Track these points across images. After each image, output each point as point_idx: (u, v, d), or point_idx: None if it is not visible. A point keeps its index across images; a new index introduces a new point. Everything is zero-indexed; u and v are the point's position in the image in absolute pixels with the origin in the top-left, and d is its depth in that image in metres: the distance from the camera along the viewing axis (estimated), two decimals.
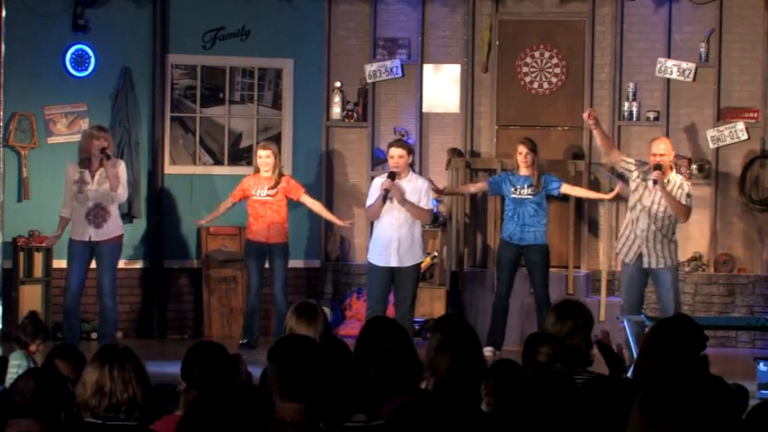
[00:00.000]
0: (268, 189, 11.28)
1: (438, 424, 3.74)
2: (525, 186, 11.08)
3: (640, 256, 10.38)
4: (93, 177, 10.69)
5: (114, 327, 10.99)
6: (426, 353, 5.53)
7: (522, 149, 11.08)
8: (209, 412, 3.74)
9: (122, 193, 10.75)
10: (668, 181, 10.36)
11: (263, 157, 11.32)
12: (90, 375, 4.52)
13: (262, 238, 11.24)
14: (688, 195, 10.38)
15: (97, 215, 10.69)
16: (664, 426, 3.12)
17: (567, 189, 11.25)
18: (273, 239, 11.26)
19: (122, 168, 10.81)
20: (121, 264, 11.25)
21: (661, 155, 10.37)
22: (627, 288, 10.56)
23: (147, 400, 4.57)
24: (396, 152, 10.51)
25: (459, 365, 5.36)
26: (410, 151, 10.69)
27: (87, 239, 10.70)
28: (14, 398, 4.36)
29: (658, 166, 10.31)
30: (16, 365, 7.52)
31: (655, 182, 10.26)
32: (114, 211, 10.82)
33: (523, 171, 11.12)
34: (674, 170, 10.57)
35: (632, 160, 10.61)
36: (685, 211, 10.39)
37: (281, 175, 11.36)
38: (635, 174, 10.47)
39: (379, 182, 10.58)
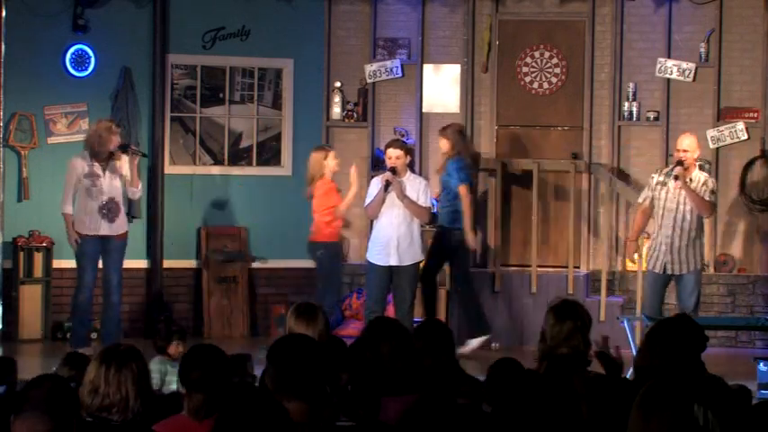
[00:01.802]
0: None
1: (442, 423, 3.74)
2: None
3: (665, 264, 10.27)
4: (104, 171, 10.66)
5: (119, 325, 10.92)
6: None
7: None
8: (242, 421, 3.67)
9: (140, 188, 10.91)
10: (691, 179, 10.25)
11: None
12: (88, 374, 4.54)
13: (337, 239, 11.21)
14: (712, 192, 10.24)
15: (111, 209, 10.68)
16: (662, 425, 3.12)
17: (462, 192, 11.03)
18: None
19: (127, 165, 10.82)
20: None
21: (684, 150, 10.25)
22: (650, 293, 10.41)
23: (145, 402, 4.56)
24: (393, 153, 10.49)
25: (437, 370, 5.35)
26: (408, 151, 10.66)
27: (101, 234, 10.67)
28: (30, 393, 4.34)
29: (680, 163, 10.22)
30: (157, 371, 7.28)
31: (676, 177, 10.17)
32: (123, 206, 10.83)
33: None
34: (698, 168, 10.47)
35: (651, 183, 10.52)
36: (709, 207, 10.25)
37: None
38: (655, 184, 10.40)
39: (378, 181, 10.57)
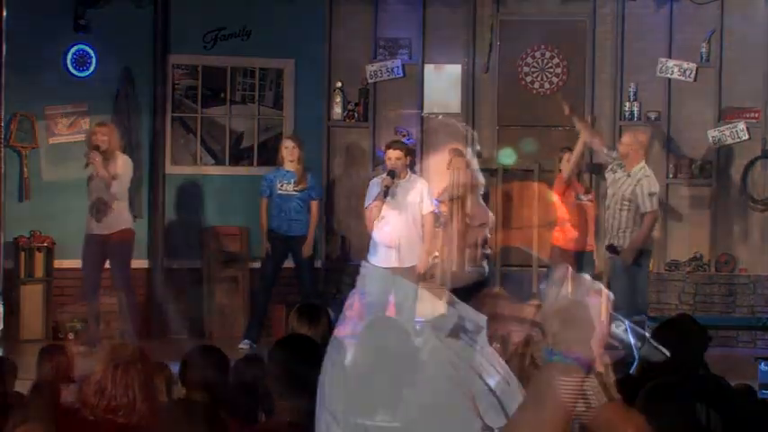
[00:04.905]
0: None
1: None
2: (292, 182, 11.20)
3: None
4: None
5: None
6: None
7: (289, 144, 11.23)
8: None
9: (115, 189, 10.81)
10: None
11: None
12: (95, 374, 4.53)
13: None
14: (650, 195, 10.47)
15: (98, 209, 10.82)
16: (664, 424, 3.13)
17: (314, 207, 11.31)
18: None
19: (119, 164, 10.84)
20: None
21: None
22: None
23: (149, 404, 4.57)
24: (393, 154, 10.45)
25: None
26: (408, 152, 10.64)
27: (92, 233, 10.83)
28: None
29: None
30: None
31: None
32: (117, 205, 10.86)
33: (288, 166, 11.21)
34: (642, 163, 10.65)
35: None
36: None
37: None
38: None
39: (377, 182, 10.55)
